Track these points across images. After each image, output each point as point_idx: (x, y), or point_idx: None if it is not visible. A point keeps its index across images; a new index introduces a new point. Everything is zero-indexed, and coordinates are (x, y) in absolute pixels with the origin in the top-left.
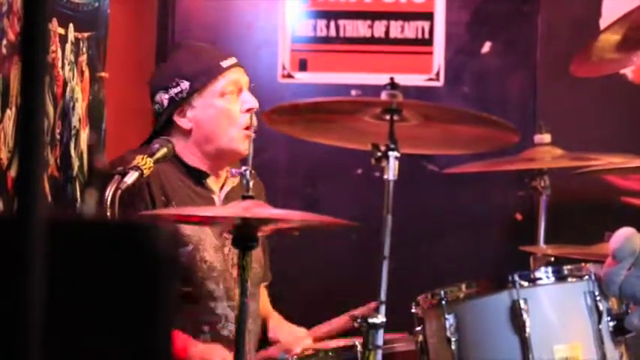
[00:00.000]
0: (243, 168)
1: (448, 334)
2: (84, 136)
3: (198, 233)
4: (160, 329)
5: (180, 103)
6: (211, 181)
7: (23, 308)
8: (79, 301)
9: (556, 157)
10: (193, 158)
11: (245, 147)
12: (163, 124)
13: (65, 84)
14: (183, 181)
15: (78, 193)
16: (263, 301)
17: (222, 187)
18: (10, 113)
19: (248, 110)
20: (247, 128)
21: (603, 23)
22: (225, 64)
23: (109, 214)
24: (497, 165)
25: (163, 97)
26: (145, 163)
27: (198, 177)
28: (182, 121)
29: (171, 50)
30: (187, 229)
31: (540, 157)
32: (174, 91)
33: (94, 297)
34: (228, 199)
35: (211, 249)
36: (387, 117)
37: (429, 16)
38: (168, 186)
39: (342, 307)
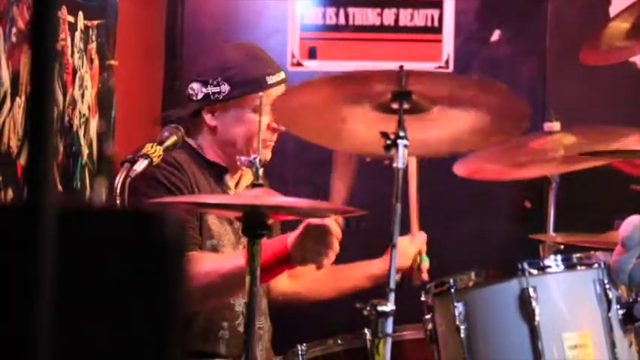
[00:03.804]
0: (253, 156)
1: (457, 322)
2: (93, 124)
3: (219, 228)
4: (169, 318)
5: (213, 102)
6: (228, 178)
7: (33, 296)
8: (89, 289)
9: (566, 146)
10: (213, 154)
11: (265, 156)
12: (191, 114)
13: (75, 72)
14: (204, 174)
15: (87, 181)
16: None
17: (237, 185)
18: (20, 101)
19: (274, 130)
20: (270, 141)
21: (613, 11)
22: (270, 80)
23: (118, 202)
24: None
25: (200, 90)
26: (155, 151)
27: (217, 172)
28: (209, 117)
29: (225, 45)
30: (211, 224)
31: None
32: (212, 89)
33: (104, 285)
34: None
35: (229, 245)
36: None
37: (438, 4)
38: (194, 177)
39: (351, 297)
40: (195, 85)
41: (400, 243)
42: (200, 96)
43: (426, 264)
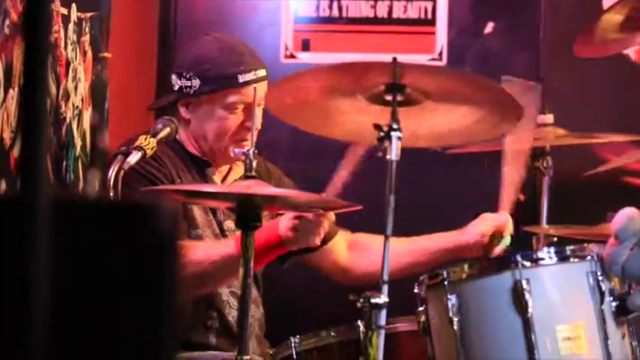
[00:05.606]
0: (247, 148)
1: (450, 314)
2: (86, 116)
3: (203, 218)
4: (166, 310)
5: (186, 96)
6: (212, 173)
7: (28, 289)
8: (83, 282)
9: (559, 137)
10: (192, 147)
11: (238, 156)
12: (171, 104)
13: (68, 64)
14: (187, 167)
15: (80, 174)
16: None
17: (223, 180)
18: (13, 93)
19: (248, 129)
20: (243, 140)
21: (606, 3)
22: (242, 78)
23: (111, 194)
24: (501, 145)
25: (176, 82)
26: (148, 143)
27: (200, 165)
28: (183, 110)
29: (205, 37)
30: (196, 214)
31: (543, 137)
32: (184, 83)
33: (99, 277)
34: None
35: (212, 236)
36: (390, 97)
37: None
38: (175, 168)
39: (344, 287)
40: (173, 77)
41: (482, 217)
42: (176, 87)
43: (501, 246)
